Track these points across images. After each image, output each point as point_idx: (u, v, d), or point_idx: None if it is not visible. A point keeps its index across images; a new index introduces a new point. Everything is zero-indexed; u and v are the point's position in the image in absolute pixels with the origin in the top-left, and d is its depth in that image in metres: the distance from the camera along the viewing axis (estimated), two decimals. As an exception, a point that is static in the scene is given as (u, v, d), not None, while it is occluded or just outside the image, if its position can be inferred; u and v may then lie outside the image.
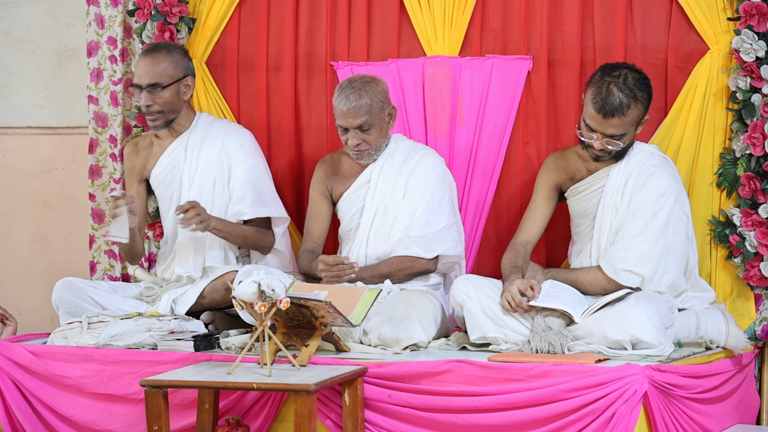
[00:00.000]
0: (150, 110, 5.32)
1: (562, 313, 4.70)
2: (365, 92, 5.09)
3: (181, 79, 5.35)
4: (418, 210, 5.14)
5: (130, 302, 5.24)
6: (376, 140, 5.16)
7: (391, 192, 5.20)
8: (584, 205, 5.03)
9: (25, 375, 4.90)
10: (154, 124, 5.35)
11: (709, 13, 5.14)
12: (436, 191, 5.16)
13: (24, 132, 6.22)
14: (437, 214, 5.14)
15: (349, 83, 5.13)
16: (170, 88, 5.32)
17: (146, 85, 5.29)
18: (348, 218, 5.28)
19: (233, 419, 4.51)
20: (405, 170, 5.20)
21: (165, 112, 5.34)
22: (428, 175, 5.17)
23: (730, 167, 5.11)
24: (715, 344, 4.80)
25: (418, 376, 4.48)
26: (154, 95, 5.30)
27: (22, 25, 6.18)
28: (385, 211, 5.18)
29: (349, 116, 5.09)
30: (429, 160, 5.22)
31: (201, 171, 5.38)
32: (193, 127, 5.44)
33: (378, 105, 5.11)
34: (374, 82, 5.14)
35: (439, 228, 5.12)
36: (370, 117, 5.10)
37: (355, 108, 5.07)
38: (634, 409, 4.19)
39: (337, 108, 5.11)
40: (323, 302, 4.45)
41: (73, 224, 6.15)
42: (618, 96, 4.77)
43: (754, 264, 5.06)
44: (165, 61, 5.32)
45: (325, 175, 5.36)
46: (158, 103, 5.31)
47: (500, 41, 5.44)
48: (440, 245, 5.13)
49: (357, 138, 5.12)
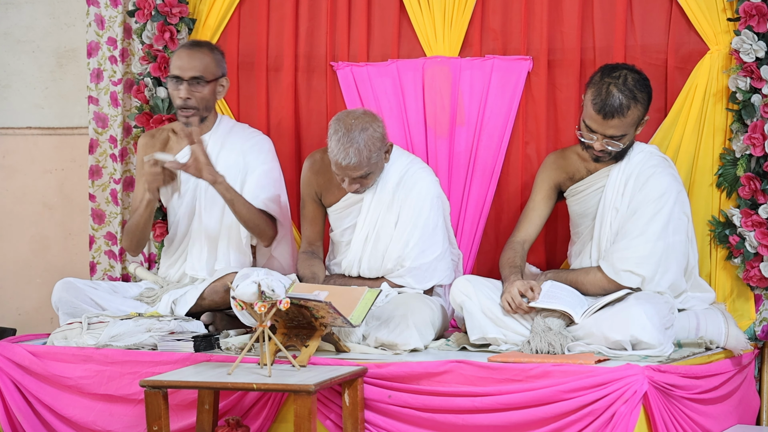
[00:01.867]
0: (187, 104, 5.27)
1: (562, 313, 4.70)
2: (364, 145, 4.89)
3: (219, 78, 5.34)
4: (412, 240, 5.05)
5: (130, 303, 5.24)
6: (373, 180, 5.06)
7: (383, 218, 5.10)
8: (584, 205, 5.03)
9: (25, 375, 4.90)
10: (187, 120, 5.28)
11: (709, 14, 5.14)
12: (430, 219, 5.07)
13: (24, 132, 6.22)
14: (431, 242, 5.06)
15: (346, 131, 4.91)
16: (210, 85, 5.29)
17: (189, 77, 5.25)
18: (339, 231, 5.22)
19: (233, 420, 4.51)
20: (399, 196, 5.08)
21: (200, 108, 5.29)
22: (422, 202, 5.06)
23: (730, 168, 5.11)
24: (715, 345, 4.80)
25: (418, 376, 4.48)
26: (194, 89, 5.27)
27: (22, 26, 6.18)
28: (377, 237, 5.10)
29: (348, 170, 4.94)
30: (423, 185, 5.09)
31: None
32: (215, 129, 5.39)
33: (376, 153, 4.96)
34: (371, 128, 4.94)
35: (433, 257, 5.06)
36: (369, 167, 4.96)
37: (355, 164, 4.91)
38: (634, 410, 4.19)
39: (334, 159, 4.93)
40: (323, 303, 4.45)
41: (73, 225, 6.15)
42: (618, 97, 4.77)
43: (754, 264, 5.06)
44: (208, 57, 5.30)
45: (314, 177, 5.24)
46: (196, 98, 5.27)
47: (500, 41, 5.44)
48: (434, 276, 5.08)
49: (355, 184, 5.01)
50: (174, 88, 5.29)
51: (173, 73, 5.28)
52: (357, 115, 4.99)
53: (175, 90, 5.28)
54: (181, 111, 5.29)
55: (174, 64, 5.30)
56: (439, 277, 5.09)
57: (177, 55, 5.31)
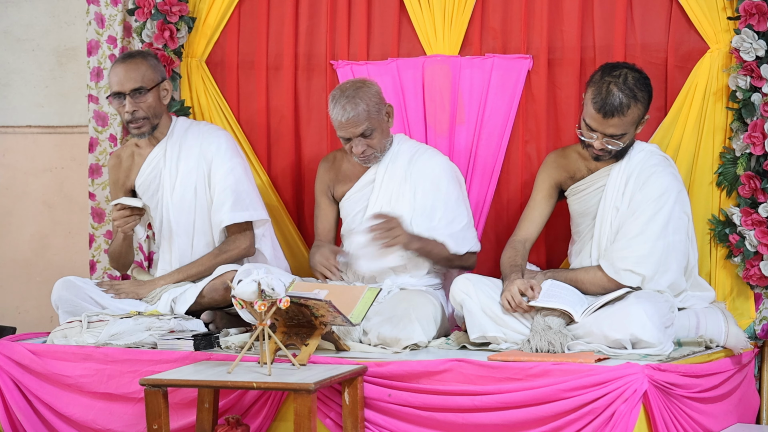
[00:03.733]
0: (135, 117, 5.25)
1: (562, 312, 4.70)
2: (360, 99, 5.06)
3: (160, 83, 5.32)
4: (437, 212, 5.13)
5: (130, 301, 5.24)
6: (379, 142, 5.15)
7: (397, 194, 5.18)
8: (584, 204, 5.03)
9: (25, 374, 4.91)
10: (140, 131, 5.29)
11: (709, 13, 5.14)
12: (451, 191, 5.16)
13: (24, 131, 6.22)
14: (458, 213, 5.15)
15: (341, 93, 5.10)
16: (153, 92, 5.28)
17: (129, 90, 5.23)
18: (350, 218, 5.27)
19: (233, 418, 4.51)
20: (411, 172, 5.19)
21: (149, 117, 5.28)
22: (441, 176, 5.17)
23: (730, 166, 5.11)
24: (714, 343, 4.80)
25: (418, 375, 4.48)
26: (138, 100, 5.25)
27: (21, 24, 6.18)
28: (392, 210, 5.17)
29: (349, 126, 5.07)
30: (437, 161, 5.21)
31: (181, 178, 5.34)
32: (170, 133, 5.38)
33: (375, 108, 5.10)
34: (365, 87, 5.12)
35: (461, 226, 5.14)
36: (370, 122, 5.08)
37: (354, 117, 5.05)
38: (634, 409, 4.19)
39: (336, 119, 5.09)
40: (323, 301, 4.45)
41: (73, 223, 6.15)
42: (618, 96, 4.76)
43: (754, 263, 5.06)
44: (143, 65, 5.27)
45: (326, 173, 5.36)
46: (143, 108, 5.25)
47: (500, 40, 5.44)
48: (466, 242, 5.14)
49: (361, 145, 5.11)
50: (119, 105, 5.27)
51: (114, 90, 5.26)
52: (350, 80, 5.21)
53: (120, 106, 5.27)
54: (131, 125, 5.28)
55: (112, 81, 5.28)
56: (470, 243, 5.16)
57: (113, 71, 5.29)
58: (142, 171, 5.39)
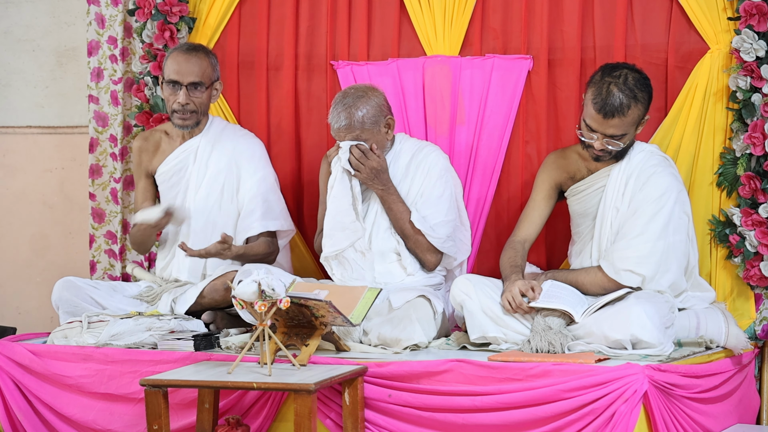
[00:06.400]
0: (186, 108, 5.26)
1: (562, 312, 4.70)
2: (357, 108, 5.01)
3: (215, 83, 5.34)
4: (417, 205, 5.11)
5: (130, 302, 5.24)
6: None
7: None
8: (585, 204, 5.03)
9: (25, 374, 4.91)
10: (185, 123, 5.29)
11: (710, 13, 5.14)
12: (436, 188, 5.12)
13: (24, 131, 6.22)
14: (434, 210, 5.10)
15: (342, 98, 5.05)
16: (208, 90, 5.31)
17: (188, 83, 5.24)
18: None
19: (233, 419, 4.51)
20: (411, 170, 5.18)
21: (198, 112, 5.30)
22: (431, 171, 5.14)
23: (730, 167, 5.11)
24: (715, 344, 4.80)
25: (418, 375, 4.48)
26: (193, 94, 5.27)
27: (22, 25, 6.18)
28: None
29: (340, 133, 5.04)
30: (432, 157, 5.18)
31: (209, 177, 5.34)
32: (206, 131, 5.39)
33: (371, 120, 5.04)
34: (367, 96, 5.05)
35: (434, 223, 5.10)
36: (363, 132, 5.03)
37: (346, 126, 5.01)
38: (634, 409, 4.19)
39: (330, 123, 5.07)
40: (323, 302, 4.45)
41: (73, 224, 6.15)
42: (618, 96, 4.77)
43: (754, 263, 5.06)
44: (205, 61, 5.30)
45: (327, 167, 5.33)
46: (195, 103, 5.27)
47: (500, 41, 5.44)
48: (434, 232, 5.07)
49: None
50: (171, 93, 5.27)
51: (171, 78, 5.26)
52: (357, 85, 5.15)
53: (173, 95, 5.27)
54: (178, 114, 5.28)
55: (170, 68, 5.27)
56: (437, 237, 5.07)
57: (172, 59, 5.28)
58: (168, 160, 5.37)
